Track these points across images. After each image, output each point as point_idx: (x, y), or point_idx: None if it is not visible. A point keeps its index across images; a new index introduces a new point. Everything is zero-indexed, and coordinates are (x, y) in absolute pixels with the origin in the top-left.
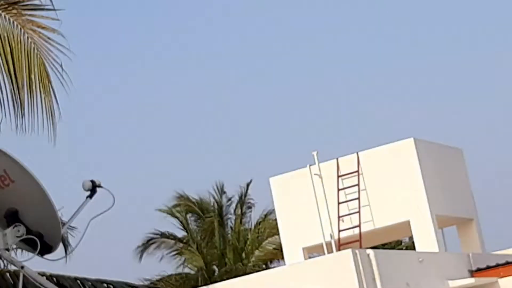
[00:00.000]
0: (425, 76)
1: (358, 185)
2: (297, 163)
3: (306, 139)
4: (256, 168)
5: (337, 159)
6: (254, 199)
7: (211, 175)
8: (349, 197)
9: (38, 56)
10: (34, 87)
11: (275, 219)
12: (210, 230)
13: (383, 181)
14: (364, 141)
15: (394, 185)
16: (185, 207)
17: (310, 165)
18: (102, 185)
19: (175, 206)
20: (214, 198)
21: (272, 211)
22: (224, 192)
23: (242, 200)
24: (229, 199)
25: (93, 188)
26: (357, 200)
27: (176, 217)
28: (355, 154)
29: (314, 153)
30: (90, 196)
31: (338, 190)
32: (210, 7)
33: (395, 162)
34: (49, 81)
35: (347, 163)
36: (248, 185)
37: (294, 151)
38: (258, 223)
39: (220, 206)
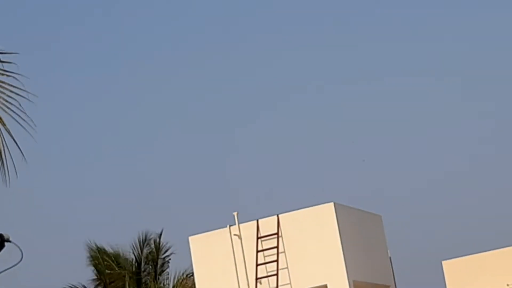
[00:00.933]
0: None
1: (277, 247)
2: (217, 223)
3: (228, 199)
4: (177, 225)
5: (257, 220)
6: (173, 255)
7: (131, 232)
8: (267, 259)
9: None
10: None
11: (193, 280)
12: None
13: (302, 244)
14: (285, 203)
15: (313, 249)
16: (100, 260)
17: (230, 225)
18: (10, 239)
19: (92, 259)
20: (133, 253)
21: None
22: (147, 244)
23: (155, 256)
24: (148, 254)
25: (1, 242)
26: (275, 263)
27: (94, 269)
28: (275, 216)
29: (235, 214)
30: None
31: (257, 251)
32: None
33: (315, 226)
34: (1, 123)
35: (267, 224)
36: (160, 236)
37: (215, 211)
38: (179, 283)
39: (138, 262)
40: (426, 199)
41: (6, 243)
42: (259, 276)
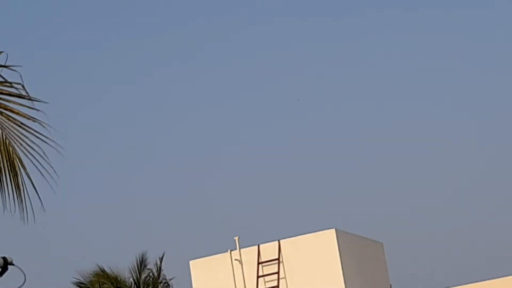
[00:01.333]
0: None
1: (278, 273)
2: (218, 247)
3: (229, 224)
4: (178, 250)
5: (258, 245)
6: (173, 279)
7: (131, 256)
8: (268, 285)
9: (4, 136)
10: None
11: None
12: None
13: (303, 270)
14: (286, 229)
15: (313, 275)
16: (100, 283)
17: (231, 250)
18: (14, 262)
19: (91, 281)
20: (132, 277)
21: None
22: (145, 266)
23: (156, 280)
24: (147, 275)
25: (5, 265)
26: None
27: None
28: (276, 242)
29: (236, 238)
30: (1, 274)
31: (258, 277)
32: None
33: (316, 252)
34: (21, 164)
35: (268, 250)
36: (161, 260)
37: (216, 235)
38: None
39: (137, 285)
40: (427, 223)
41: (9, 266)
42: None
